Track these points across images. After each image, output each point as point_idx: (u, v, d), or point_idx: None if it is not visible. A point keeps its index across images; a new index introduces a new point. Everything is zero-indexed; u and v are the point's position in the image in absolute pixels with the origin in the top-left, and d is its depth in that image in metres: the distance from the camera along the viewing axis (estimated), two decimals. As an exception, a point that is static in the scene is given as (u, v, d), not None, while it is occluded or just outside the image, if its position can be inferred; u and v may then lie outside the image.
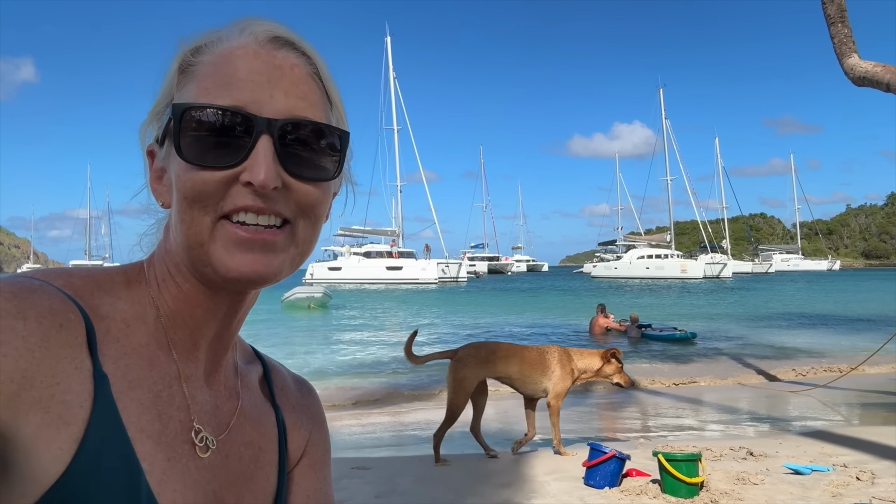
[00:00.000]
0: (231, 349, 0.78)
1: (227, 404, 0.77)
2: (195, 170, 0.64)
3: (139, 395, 0.65)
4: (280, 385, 0.88)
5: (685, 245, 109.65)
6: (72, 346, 0.59)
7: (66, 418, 0.57)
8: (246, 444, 0.77)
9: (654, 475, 4.74)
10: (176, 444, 0.67)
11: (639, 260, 71.91)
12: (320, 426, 0.92)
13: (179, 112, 0.64)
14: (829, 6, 9.61)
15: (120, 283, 0.70)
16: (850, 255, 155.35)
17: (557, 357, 5.87)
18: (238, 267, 0.64)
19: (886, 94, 8.68)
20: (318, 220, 0.71)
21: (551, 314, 24.29)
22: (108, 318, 0.65)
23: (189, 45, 0.69)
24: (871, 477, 4.68)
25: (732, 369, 11.77)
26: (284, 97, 0.65)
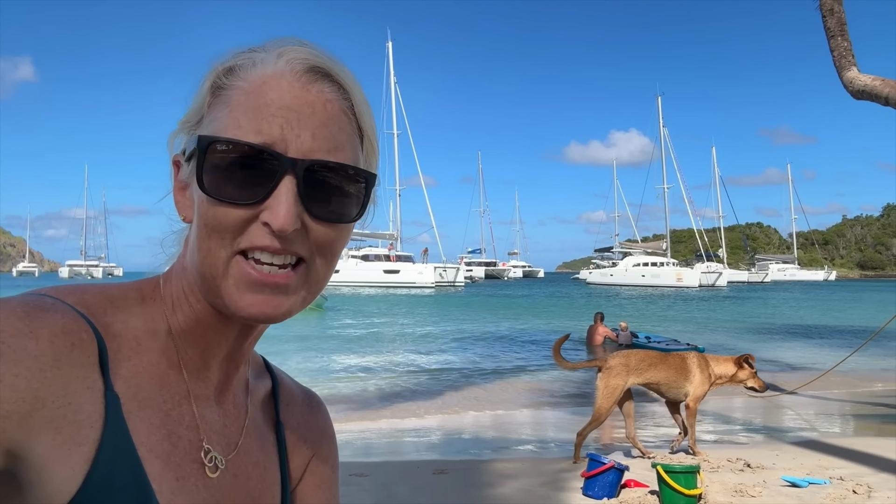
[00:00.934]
0: (242, 367, 0.77)
1: (235, 423, 0.76)
2: (216, 203, 0.63)
3: (149, 414, 0.65)
4: (287, 401, 0.87)
5: (681, 253, 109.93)
6: (84, 366, 0.59)
7: (77, 439, 0.57)
8: (254, 464, 0.77)
9: (653, 486, 4.75)
10: (185, 463, 0.67)
11: (634, 267, 71.99)
12: (327, 443, 0.90)
13: (205, 144, 0.63)
14: (829, 19, 9.67)
15: (134, 299, 0.69)
16: (845, 266, 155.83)
17: (697, 363, 6.20)
18: (247, 307, 0.64)
19: (882, 106, 8.75)
20: (333, 258, 0.70)
21: (548, 321, 24.29)
22: (119, 336, 0.65)
23: (223, 64, 0.68)
24: (867, 490, 4.69)
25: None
26: (312, 138, 0.64)
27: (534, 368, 12.73)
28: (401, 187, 62.84)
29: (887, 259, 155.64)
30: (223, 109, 0.65)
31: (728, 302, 41.06)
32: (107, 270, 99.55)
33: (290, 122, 0.63)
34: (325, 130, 0.65)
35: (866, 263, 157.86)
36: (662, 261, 72.00)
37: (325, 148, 0.65)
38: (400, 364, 13.07)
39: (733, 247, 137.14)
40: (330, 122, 0.66)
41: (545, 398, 9.84)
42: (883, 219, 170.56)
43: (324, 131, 0.65)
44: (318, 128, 0.65)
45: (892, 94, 8.27)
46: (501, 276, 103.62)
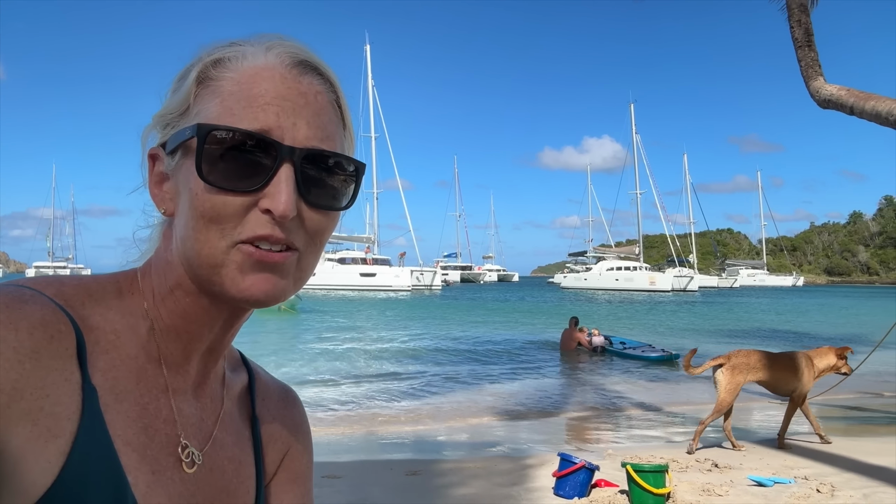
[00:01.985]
0: (221, 360, 0.78)
1: (211, 416, 0.76)
2: (215, 191, 0.63)
3: (126, 407, 0.64)
4: (263, 395, 0.86)
5: (654, 258, 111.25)
6: (62, 358, 0.59)
7: (54, 431, 0.57)
8: (229, 458, 0.76)
9: (623, 486, 4.81)
10: (161, 457, 0.67)
11: (608, 272, 72.77)
12: (302, 438, 0.90)
13: (204, 133, 0.63)
14: (796, 30, 9.91)
15: (111, 292, 0.69)
16: (813, 272, 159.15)
17: (804, 361, 6.69)
18: (249, 287, 0.64)
19: (847, 116, 9.00)
20: (321, 247, 0.71)
21: (523, 326, 24.42)
22: (97, 329, 0.65)
23: (210, 56, 0.67)
24: (830, 489, 4.81)
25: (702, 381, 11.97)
26: (307, 126, 0.65)
27: (506, 374, 12.78)
28: (378, 190, 62.76)
29: (853, 265, 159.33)
30: (213, 99, 0.65)
31: (700, 306, 41.69)
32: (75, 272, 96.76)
33: (285, 111, 0.64)
34: (318, 120, 0.66)
35: (833, 269, 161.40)
36: (635, 265, 72.87)
37: (320, 137, 0.66)
38: (373, 367, 13.04)
39: (704, 252, 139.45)
40: (321, 113, 0.67)
41: (516, 402, 9.89)
42: (849, 226, 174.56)
43: (317, 120, 0.66)
44: (311, 117, 0.66)
45: (856, 104, 8.50)
46: (477, 280, 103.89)
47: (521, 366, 13.79)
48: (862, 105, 8.39)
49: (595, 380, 12.18)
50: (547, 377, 12.41)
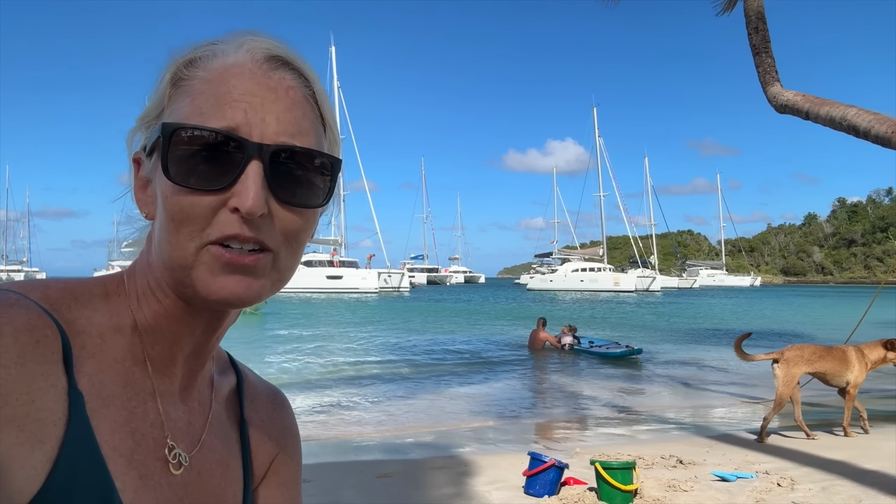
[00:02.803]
0: (208, 363, 0.77)
1: (199, 419, 0.76)
2: (182, 192, 0.62)
3: (113, 412, 0.64)
4: (251, 397, 0.86)
5: (617, 259, 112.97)
6: (48, 363, 0.58)
7: (40, 437, 0.56)
8: (217, 461, 0.76)
9: (591, 483, 4.88)
10: (148, 461, 0.66)
11: (573, 273, 73.68)
12: (291, 441, 0.89)
13: (169, 131, 0.62)
14: (754, 37, 10.20)
15: (98, 295, 0.68)
16: (770, 272, 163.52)
17: (856, 355, 7.01)
18: (220, 290, 0.63)
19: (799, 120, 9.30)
20: (300, 247, 0.69)
21: (492, 327, 24.54)
22: (84, 333, 0.64)
23: (182, 56, 0.67)
24: (790, 483, 4.97)
25: (666, 380, 12.21)
26: (276, 122, 0.64)
27: (475, 375, 12.83)
28: (344, 192, 62.33)
29: (808, 266, 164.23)
30: (184, 99, 0.65)
31: (663, 306, 42.50)
32: (29, 275, 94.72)
33: (253, 107, 0.63)
34: (289, 115, 0.65)
35: (789, 270, 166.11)
36: (600, 266, 73.97)
37: (290, 132, 0.65)
38: (340, 370, 12.95)
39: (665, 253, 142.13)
40: (293, 108, 0.66)
41: (485, 403, 9.95)
42: (804, 227, 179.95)
43: (288, 116, 0.65)
44: (281, 112, 0.65)
45: (811, 109, 8.79)
46: (443, 282, 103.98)
47: (490, 366, 13.86)
48: (817, 110, 8.68)
49: (562, 379, 12.33)
50: (515, 377, 12.50)
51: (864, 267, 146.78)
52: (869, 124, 7.81)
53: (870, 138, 7.89)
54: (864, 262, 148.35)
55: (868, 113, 8.01)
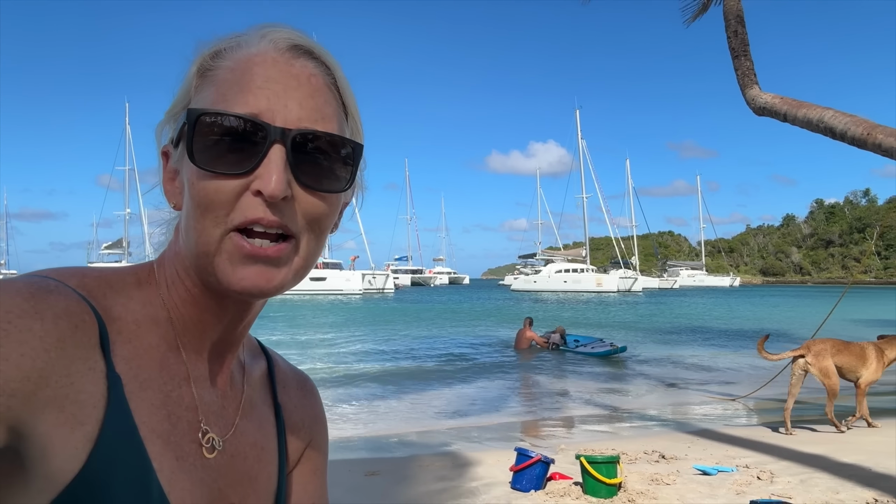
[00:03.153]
0: (238, 348, 0.79)
1: (232, 404, 0.77)
2: (207, 177, 0.64)
3: (150, 395, 0.65)
4: (283, 382, 0.88)
5: (599, 260, 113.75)
6: (86, 347, 0.60)
7: (80, 418, 0.58)
8: (251, 444, 0.77)
9: (576, 478, 4.96)
10: (184, 443, 0.68)
11: (557, 274, 74.16)
12: (322, 429, 0.91)
13: (194, 117, 0.64)
14: (733, 40, 10.36)
15: (131, 283, 0.70)
16: (749, 273, 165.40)
17: (874, 353, 7.30)
18: (240, 281, 0.65)
19: (776, 122, 9.49)
20: (322, 234, 0.70)
21: (477, 327, 24.60)
22: (119, 320, 0.66)
23: (208, 49, 0.69)
24: (770, 476, 5.08)
25: (648, 378, 12.36)
26: (299, 107, 0.65)
27: (461, 374, 12.89)
28: (327, 193, 61.96)
29: (787, 266, 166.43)
30: (209, 88, 0.67)
31: (645, 306, 42.88)
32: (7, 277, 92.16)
33: (276, 94, 0.65)
34: (312, 101, 0.66)
35: (768, 270, 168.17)
36: (583, 267, 74.54)
37: (312, 118, 0.66)
38: (325, 371, 12.93)
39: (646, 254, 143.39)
40: (315, 94, 0.67)
41: (472, 401, 10.01)
42: (783, 228, 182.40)
43: (310, 102, 0.66)
44: (304, 99, 0.66)
45: (789, 112, 8.95)
46: (427, 284, 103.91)
47: (476, 366, 13.93)
48: (794, 112, 8.85)
49: (548, 377, 12.44)
50: (500, 376, 12.58)
51: (842, 267, 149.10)
52: (845, 126, 7.99)
53: (846, 140, 8.07)
54: (842, 262, 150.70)
55: (844, 115, 8.19)
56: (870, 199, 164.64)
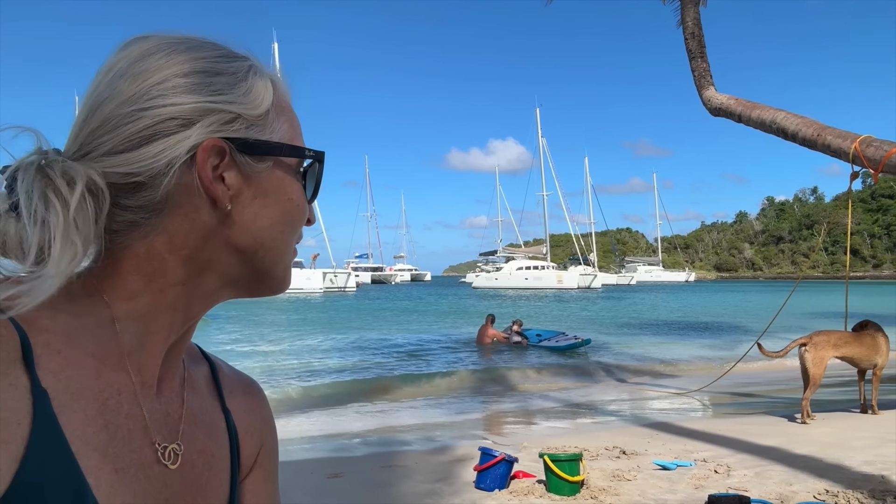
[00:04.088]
0: (182, 354, 0.77)
1: (177, 411, 0.74)
2: (305, 202, 0.76)
3: (83, 406, 0.62)
4: (228, 387, 0.85)
5: (559, 257, 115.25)
6: (3, 363, 0.57)
7: (3, 437, 0.55)
8: (199, 452, 0.75)
9: (539, 475, 5.00)
10: (124, 454, 0.65)
11: (518, 271, 74.79)
12: (272, 432, 0.89)
13: (322, 158, 0.77)
14: (690, 42, 10.59)
15: (59, 295, 0.65)
16: (703, 268, 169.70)
17: (884, 340, 7.56)
18: (290, 280, 0.79)
19: (728, 122, 9.75)
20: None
21: (439, 324, 24.64)
22: (47, 331, 0.62)
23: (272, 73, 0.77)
24: (727, 469, 5.21)
25: (607, 373, 12.56)
26: None
27: (424, 371, 12.87)
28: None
29: (740, 262, 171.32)
30: (282, 120, 0.74)
31: (605, 301, 43.60)
32: None
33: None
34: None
35: (722, 266, 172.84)
36: (543, 264, 75.38)
37: None
38: (284, 370, 12.76)
39: (605, 251, 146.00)
40: None
41: (435, 399, 10.01)
42: (736, 225, 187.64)
43: None
44: None
45: (744, 113, 9.20)
46: (388, 281, 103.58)
47: (439, 362, 13.94)
48: (749, 114, 9.10)
49: (509, 373, 12.51)
50: (463, 373, 12.61)
51: (791, 262, 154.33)
52: (797, 127, 8.24)
53: (797, 140, 8.34)
54: (791, 257, 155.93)
55: (796, 116, 8.45)
56: (817, 196, 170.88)
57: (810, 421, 7.20)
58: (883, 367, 7.64)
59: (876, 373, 7.63)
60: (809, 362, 7.39)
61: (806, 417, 7.23)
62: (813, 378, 7.37)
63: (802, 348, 7.49)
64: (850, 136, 7.31)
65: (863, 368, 7.74)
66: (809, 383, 7.38)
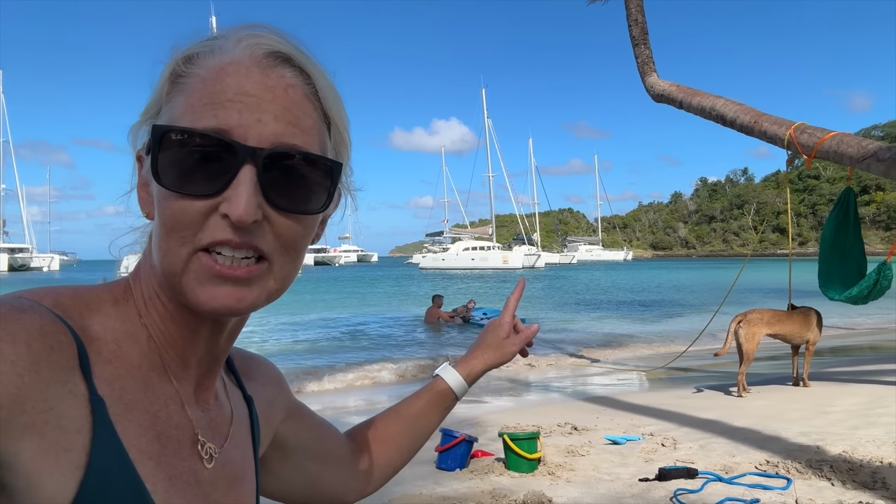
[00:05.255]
0: (223, 362, 0.77)
1: (219, 416, 0.77)
2: (173, 196, 0.61)
3: (137, 417, 0.64)
4: (245, 374, 0.88)
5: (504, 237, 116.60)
6: (63, 370, 0.57)
7: (64, 444, 0.56)
8: (235, 447, 0.78)
9: (497, 454, 5.13)
10: (175, 462, 0.67)
11: (464, 251, 75.47)
12: (285, 388, 0.97)
13: (159, 135, 0.61)
14: (633, 28, 10.82)
15: (108, 301, 0.67)
16: (641, 247, 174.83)
17: (815, 317, 7.98)
18: (209, 301, 0.62)
19: (661, 105, 10.09)
20: (298, 254, 0.68)
21: (388, 305, 24.63)
22: (98, 339, 0.63)
23: (181, 52, 0.65)
24: (673, 442, 5.47)
25: (550, 349, 12.88)
26: (273, 122, 0.62)
27: (374, 353, 12.88)
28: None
29: (674, 240, 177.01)
30: (180, 97, 0.63)
31: (548, 280, 44.48)
32: None
33: (249, 108, 0.61)
34: (288, 115, 0.63)
35: (658, 244, 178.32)
36: (489, 245, 76.22)
37: (289, 133, 0.63)
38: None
39: (547, 230, 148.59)
40: (293, 107, 0.63)
41: (386, 381, 10.06)
42: (671, 205, 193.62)
43: (287, 116, 0.63)
44: (279, 113, 0.62)
45: (685, 99, 9.50)
46: (333, 263, 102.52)
47: (390, 343, 13.98)
48: (689, 100, 9.41)
49: (457, 351, 12.68)
50: (413, 353, 12.69)
51: (723, 241, 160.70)
52: (735, 114, 8.58)
53: (735, 127, 8.68)
54: (723, 236, 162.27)
55: (734, 104, 8.79)
56: (748, 177, 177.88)
57: (746, 394, 7.59)
58: (815, 343, 8.11)
59: (808, 348, 8.06)
60: (743, 338, 7.78)
61: (742, 391, 7.61)
62: (747, 353, 7.75)
63: (737, 325, 7.87)
64: (786, 124, 7.66)
65: (796, 344, 8.20)
66: (744, 358, 7.77)
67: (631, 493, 4.25)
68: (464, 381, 1.16)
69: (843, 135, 6.86)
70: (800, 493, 3.99)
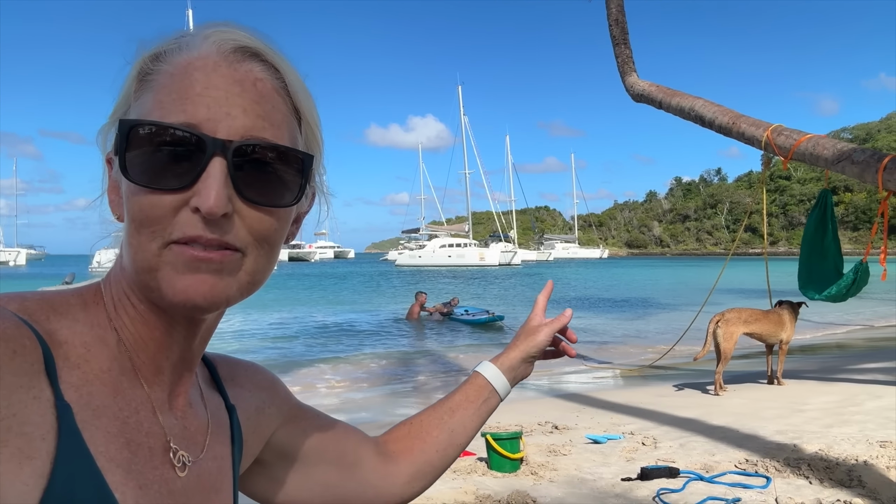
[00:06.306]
0: (196, 367, 0.75)
1: (193, 423, 0.74)
2: (143, 192, 0.61)
3: (105, 423, 0.62)
4: (229, 381, 0.86)
5: (480, 234, 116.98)
6: (27, 375, 0.55)
7: (27, 452, 0.54)
8: (213, 458, 0.76)
9: (479, 454, 5.12)
10: (146, 470, 0.65)
11: (441, 249, 75.39)
12: (280, 390, 0.94)
13: (126, 129, 0.61)
14: (614, 28, 10.87)
15: (76, 305, 0.66)
16: (616, 245, 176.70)
17: (789, 317, 8.10)
18: (185, 289, 0.61)
19: (635, 104, 10.18)
20: (273, 249, 0.67)
21: (367, 303, 24.54)
22: (66, 344, 0.61)
23: (149, 50, 0.65)
24: (653, 441, 5.51)
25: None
26: (243, 115, 0.62)
27: (356, 350, 12.82)
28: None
29: (649, 239, 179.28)
30: (148, 95, 0.63)
31: (526, 277, 44.70)
32: None
33: (217, 102, 0.61)
34: (258, 108, 0.63)
35: (632, 243, 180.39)
36: (466, 242, 76.30)
37: (258, 127, 0.63)
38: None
39: (524, 228, 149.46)
40: (262, 101, 0.64)
41: (365, 376, 10.01)
42: (646, 204, 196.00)
43: (256, 109, 0.63)
44: (248, 106, 0.63)
45: (664, 100, 9.58)
46: (308, 259, 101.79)
47: (370, 340, 13.94)
48: (669, 101, 9.49)
49: (439, 348, 12.72)
50: (394, 350, 12.66)
51: (696, 240, 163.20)
52: (713, 115, 8.67)
53: (713, 128, 8.77)
54: (696, 235, 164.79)
55: (712, 105, 8.88)
56: (721, 177, 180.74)
57: (723, 392, 7.69)
58: (788, 342, 8.27)
59: (782, 347, 8.22)
60: (721, 337, 7.88)
61: (719, 389, 7.72)
62: (724, 352, 7.85)
63: (716, 325, 7.96)
64: (763, 125, 7.76)
65: (770, 343, 8.33)
66: (721, 357, 7.87)
67: (614, 492, 4.27)
68: (500, 372, 1.15)
69: (819, 137, 6.97)
70: (779, 492, 4.04)
